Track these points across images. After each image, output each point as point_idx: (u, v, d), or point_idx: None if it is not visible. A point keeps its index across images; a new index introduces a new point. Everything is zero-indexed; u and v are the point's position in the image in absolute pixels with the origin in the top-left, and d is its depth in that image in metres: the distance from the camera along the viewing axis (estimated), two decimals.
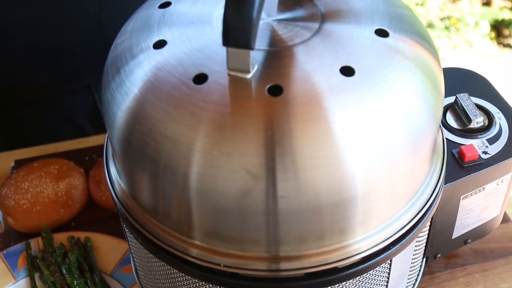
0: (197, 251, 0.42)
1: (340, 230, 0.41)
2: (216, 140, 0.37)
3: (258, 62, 0.39)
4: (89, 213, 0.77)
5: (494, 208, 0.63)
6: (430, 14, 2.31)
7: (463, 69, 0.66)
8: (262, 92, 0.38)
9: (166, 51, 0.41)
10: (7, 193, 0.74)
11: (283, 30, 0.42)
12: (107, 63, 0.45)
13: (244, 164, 0.37)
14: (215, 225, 0.40)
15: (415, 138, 0.41)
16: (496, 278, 0.68)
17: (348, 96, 0.38)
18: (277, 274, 0.42)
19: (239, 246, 0.41)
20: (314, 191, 0.38)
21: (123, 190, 0.46)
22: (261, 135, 0.37)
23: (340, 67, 0.39)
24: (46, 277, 0.66)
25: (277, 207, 0.38)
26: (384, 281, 0.48)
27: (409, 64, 0.41)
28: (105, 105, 0.43)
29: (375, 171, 0.39)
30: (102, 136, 0.88)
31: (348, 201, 0.39)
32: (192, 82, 0.39)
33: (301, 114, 0.37)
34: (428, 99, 0.42)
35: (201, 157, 0.38)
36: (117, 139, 0.42)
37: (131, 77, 0.41)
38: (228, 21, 0.36)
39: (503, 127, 0.60)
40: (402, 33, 0.42)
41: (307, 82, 0.38)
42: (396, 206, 0.43)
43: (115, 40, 0.46)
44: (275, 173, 0.37)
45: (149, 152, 0.39)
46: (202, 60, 0.40)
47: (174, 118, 0.38)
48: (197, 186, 0.38)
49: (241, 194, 0.38)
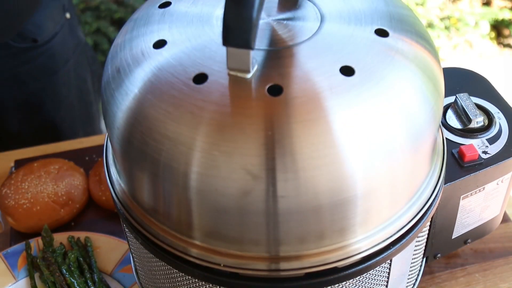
0: (197, 251, 0.42)
1: (340, 230, 0.41)
2: (216, 140, 0.37)
3: (258, 62, 0.39)
4: (89, 213, 0.77)
5: (494, 208, 0.63)
6: (430, 14, 2.31)
7: (463, 69, 0.66)
8: (262, 92, 0.38)
9: (166, 51, 0.41)
10: (7, 193, 0.75)
11: (283, 30, 0.42)
12: (106, 62, 0.45)
13: (244, 164, 0.37)
14: (215, 225, 0.40)
15: (415, 138, 0.41)
16: (496, 278, 0.68)
17: (348, 96, 0.38)
18: (277, 274, 0.42)
19: (239, 246, 0.41)
20: (314, 191, 0.38)
21: (123, 190, 0.46)
22: (261, 135, 0.37)
23: (340, 67, 0.39)
24: (46, 277, 0.66)
25: (277, 207, 0.38)
26: (384, 281, 0.48)
27: (409, 64, 0.41)
28: (105, 105, 0.43)
29: (375, 171, 0.39)
30: (102, 136, 0.88)
31: (348, 201, 0.39)
32: (192, 82, 0.39)
33: (301, 114, 0.37)
34: (428, 99, 0.42)
35: (201, 157, 0.38)
36: (117, 139, 0.42)
37: (131, 77, 0.41)
38: (228, 21, 0.36)
39: (503, 127, 0.60)
40: (402, 33, 0.42)
41: (307, 82, 0.38)
42: (396, 206, 0.43)
43: (115, 40, 0.46)
44: (275, 173, 0.37)
45: (149, 152, 0.39)
46: (202, 60, 0.40)
47: (174, 118, 0.38)
48: (197, 186, 0.38)
49: (241, 194, 0.38)
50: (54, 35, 0.96)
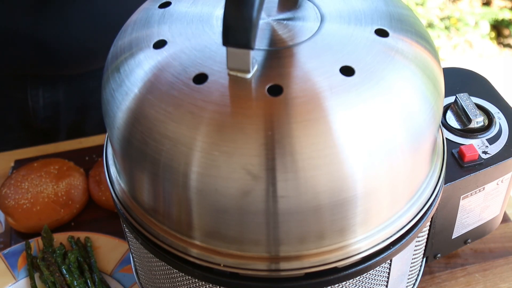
0: (197, 251, 0.42)
1: (340, 230, 0.41)
2: (216, 140, 0.37)
3: (258, 62, 0.39)
4: (89, 213, 0.77)
5: (494, 208, 0.63)
6: (430, 14, 2.31)
7: (463, 69, 0.66)
8: (262, 92, 0.38)
9: (166, 51, 0.41)
10: (7, 193, 0.75)
11: (283, 30, 0.42)
12: (107, 62, 0.45)
13: (244, 164, 0.37)
14: (215, 225, 0.40)
15: (415, 138, 0.41)
16: (496, 278, 0.68)
17: (348, 96, 0.38)
18: (277, 274, 0.42)
19: (239, 246, 0.41)
20: (314, 191, 0.38)
21: (123, 190, 0.46)
22: (261, 135, 0.37)
23: (340, 67, 0.39)
24: (46, 277, 0.66)
25: (277, 207, 0.38)
26: (384, 281, 0.48)
27: (409, 64, 0.41)
28: (105, 105, 0.43)
29: (375, 171, 0.39)
30: (102, 136, 0.88)
31: (348, 201, 0.39)
32: (192, 82, 0.39)
33: (301, 114, 0.37)
34: (428, 99, 0.42)
35: (201, 157, 0.38)
36: (117, 139, 0.42)
37: (131, 77, 0.41)
38: (228, 21, 0.36)
39: (503, 127, 0.60)
40: (402, 33, 0.42)
41: (307, 82, 0.38)
42: (396, 206, 0.43)
43: (115, 40, 0.46)
44: (275, 173, 0.37)
45: (149, 152, 0.39)
46: (202, 60, 0.40)
47: (174, 118, 0.38)
48: (197, 186, 0.38)
49: (241, 194, 0.38)
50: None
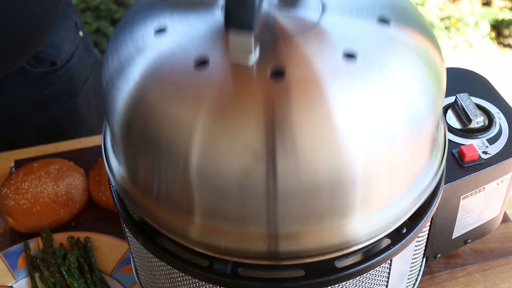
0: (198, 232, 0.41)
1: (340, 212, 0.40)
2: (217, 121, 0.37)
3: (260, 48, 0.39)
4: (89, 213, 0.77)
5: (494, 208, 0.63)
6: (430, 14, 2.31)
7: (463, 69, 0.66)
8: (264, 76, 0.38)
9: (167, 37, 0.41)
10: (7, 193, 0.75)
11: (285, 18, 0.42)
12: (107, 49, 0.45)
13: (245, 145, 0.37)
14: (216, 205, 0.40)
15: (414, 124, 0.40)
16: (496, 278, 0.68)
17: (349, 80, 0.38)
18: (278, 274, 0.42)
19: (239, 228, 0.40)
20: (314, 172, 0.38)
21: (122, 177, 0.45)
22: (262, 117, 0.37)
23: (342, 53, 0.39)
24: (46, 278, 0.66)
25: (277, 188, 0.38)
26: (384, 281, 0.48)
27: (410, 52, 0.41)
28: (105, 92, 0.43)
29: (374, 155, 0.39)
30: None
31: (348, 183, 0.39)
32: (194, 67, 0.39)
33: (302, 98, 0.37)
34: (429, 86, 0.42)
35: (202, 138, 0.37)
36: (117, 124, 0.42)
37: (132, 63, 0.41)
38: (230, 4, 0.36)
39: (503, 127, 0.60)
40: (403, 23, 0.42)
41: (309, 67, 0.38)
42: (395, 192, 0.42)
43: (116, 27, 0.46)
44: (276, 154, 0.37)
45: (150, 135, 0.39)
46: (203, 46, 0.40)
47: (175, 102, 0.38)
48: (198, 168, 0.38)
49: (242, 175, 0.37)
50: (71, 55, 0.93)
